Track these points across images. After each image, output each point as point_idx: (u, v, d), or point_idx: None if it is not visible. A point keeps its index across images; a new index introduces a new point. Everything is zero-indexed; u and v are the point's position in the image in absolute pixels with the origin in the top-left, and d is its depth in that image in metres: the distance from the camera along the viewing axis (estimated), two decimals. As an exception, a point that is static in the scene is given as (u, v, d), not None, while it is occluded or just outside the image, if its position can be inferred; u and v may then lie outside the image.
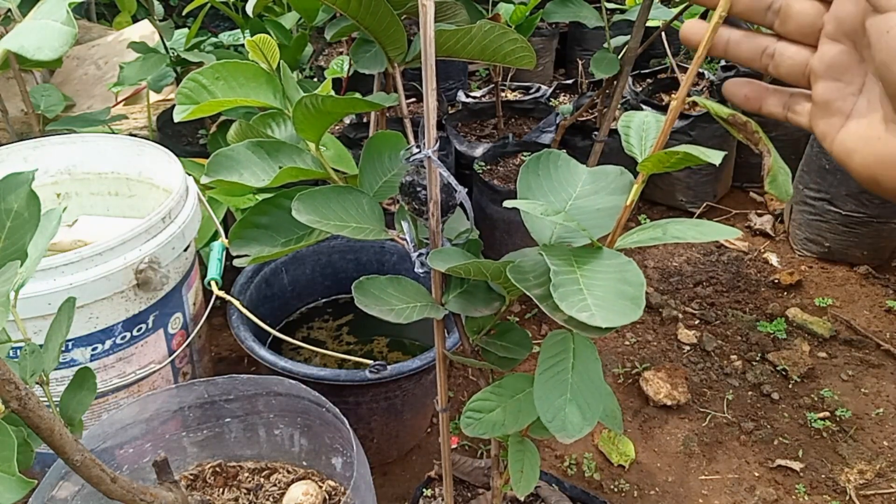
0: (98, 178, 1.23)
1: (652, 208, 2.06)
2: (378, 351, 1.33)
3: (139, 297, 0.97)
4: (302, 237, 0.59)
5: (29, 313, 0.88)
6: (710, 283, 1.74)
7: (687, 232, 0.44)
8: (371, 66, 0.73)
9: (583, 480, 1.24)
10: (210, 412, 0.93)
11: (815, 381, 1.44)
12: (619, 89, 1.34)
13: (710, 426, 1.35)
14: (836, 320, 1.60)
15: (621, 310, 0.38)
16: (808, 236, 1.81)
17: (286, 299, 1.37)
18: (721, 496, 1.22)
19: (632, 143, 0.47)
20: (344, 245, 1.38)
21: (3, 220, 0.49)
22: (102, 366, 0.97)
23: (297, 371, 1.02)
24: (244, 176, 0.55)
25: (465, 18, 0.71)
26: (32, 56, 0.66)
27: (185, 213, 1.04)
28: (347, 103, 0.54)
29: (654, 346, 1.54)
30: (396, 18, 0.56)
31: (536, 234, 0.51)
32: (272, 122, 0.62)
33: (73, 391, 0.64)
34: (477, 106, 2.09)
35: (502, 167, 1.80)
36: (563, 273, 0.41)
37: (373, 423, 1.15)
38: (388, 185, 0.61)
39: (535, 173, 0.52)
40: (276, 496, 0.91)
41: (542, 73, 2.64)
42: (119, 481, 0.55)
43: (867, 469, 1.25)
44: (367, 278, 0.55)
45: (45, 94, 1.42)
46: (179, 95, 0.56)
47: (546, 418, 0.44)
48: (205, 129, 1.78)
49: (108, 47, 1.86)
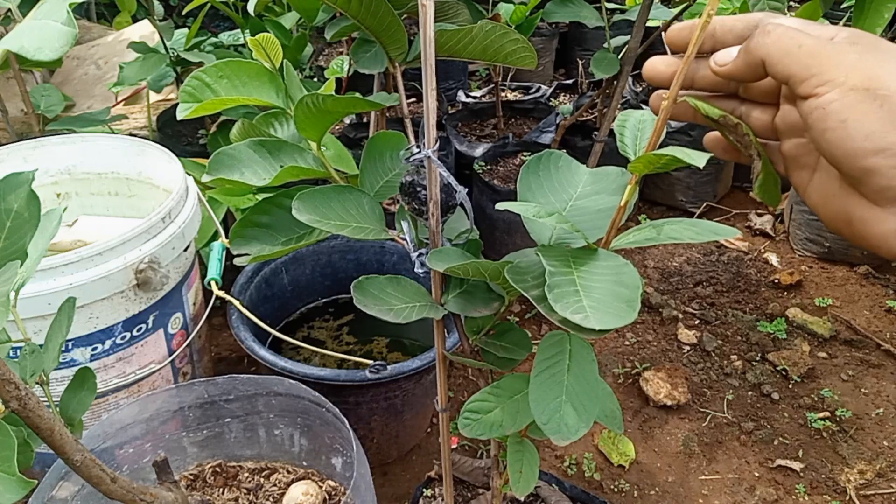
0: (98, 178, 1.23)
1: (652, 208, 2.06)
2: (378, 351, 1.33)
3: (139, 297, 0.97)
4: (302, 236, 0.59)
5: (29, 313, 0.88)
6: (710, 283, 1.74)
7: (683, 232, 0.44)
8: (371, 66, 0.73)
9: (583, 480, 1.24)
10: (210, 412, 0.93)
11: (815, 381, 1.44)
12: (619, 89, 1.34)
13: (710, 426, 1.35)
14: (837, 320, 1.60)
15: (616, 312, 0.38)
16: (808, 236, 1.81)
17: (286, 299, 1.37)
18: (721, 496, 1.22)
19: (626, 143, 0.47)
20: (344, 245, 1.38)
21: (3, 220, 0.49)
22: (102, 366, 0.97)
23: (297, 371, 1.02)
24: (245, 174, 0.55)
25: (467, 18, 0.71)
26: (32, 56, 0.66)
27: (185, 213, 1.04)
28: (349, 102, 0.54)
29: (654, 346, 1.54)
30: (397, 18, 0.56)
31: (536, 234, 0.51)
32: (274, 122, 0.62)
33: (73, 391, 0.64)
34: (477, 106, 2.09)
35: (502, 167, 1.80)
36: (559, 274, 0.41)
37: (373, 423, 1.15)
38: (389, 185, 0.61)
39: (535, 174, 0.52)
40: (276, 496, 0.91)
41: (542, 73, 2.64)
42: (119, 481, 0.55)
43: (867, 469, 1.25)
44: (366, 278, 0.55)
45: (45, 94, 1.42)
46: (183, 94, 0.56)
47: (541, 420, 0.44)
48: (205, 129, 1.78)
49: (108, 47, 1.86)
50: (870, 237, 0.35)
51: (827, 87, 0.33)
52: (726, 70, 0.38)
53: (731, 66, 0.38)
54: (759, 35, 0.36)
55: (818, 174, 0.38)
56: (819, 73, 0.33)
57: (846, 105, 0.32)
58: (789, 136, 0.39)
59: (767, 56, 0.35)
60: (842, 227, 0.36)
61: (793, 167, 0.39)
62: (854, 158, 0.33)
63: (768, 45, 0.35)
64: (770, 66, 0.36)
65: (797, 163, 0.39)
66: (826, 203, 0.37)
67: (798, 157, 0.39)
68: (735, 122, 0.39)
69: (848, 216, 0.36)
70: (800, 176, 0.39)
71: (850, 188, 0.35)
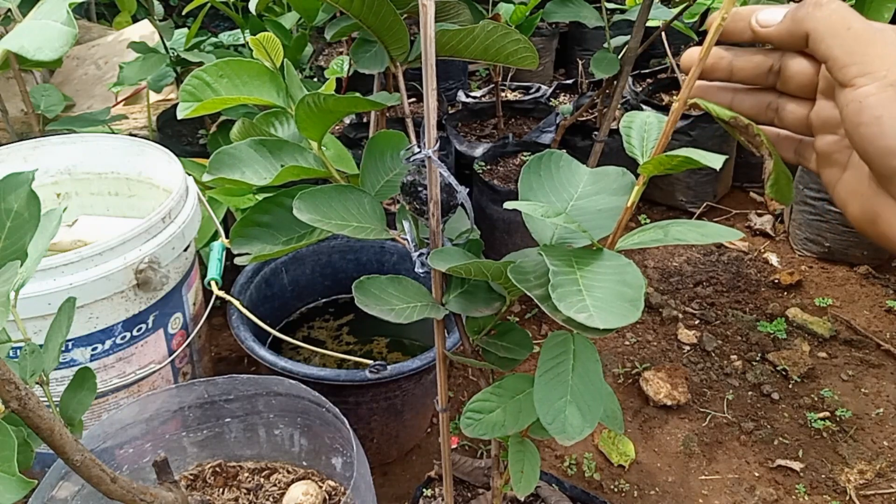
0: (98, 178, 1.23)
1: (652, 208, 2.06)
2: (378, 351, 1.33)
3: (139, 297, 0.97)
4: (303, 236, 0.59)
5: (29, 313, 0.88)
6: (710, 283, 1.74)
7: (688, 233, 0.44)
8: (371, 66, 0.73)
9: (583, 480, 1.24)
10: (210, 412, 0.93)
11: (815, 381, 1.44)
12: (619, 89, 1.34)
13: (710, 426, 1.35)
14: (837, 320, 1.60)
15: (620, 311, 0.38)
16: (808, 236, 1.81)
17: (286, 299, 1.37)
18: (721, 496, 1.22)
19: (633, 144, 0.47)
20: (344, 245, 1.38)
21: (3, 220, 0.49)
22: (102, 366, 0.97)
23: (297, 371, 1.02)
24: (246, 174, 0.55)
25: (469, 18, 0.71)
26: (32, 56, 0.66)
27: (185, 213, 1.04)
28: (350, 102, 0.54)
29: (654, 346, 1.54)
30: (399, 18, 0.56)
31: (537, 234, 0.51)
32: (275, 121, 0.62)
33: (73, 391, 0.64)
34: (477, 106, 2.09)
35: (502, 167, 1.80)
36: (562, 274, 0.41)
37: (373, 423, 1.15)
38: (390, 185, 0.61)
39: (536, 174, 0.52)
40: (276, 496, 0.91)
41: (542, 73, 2.64)
42: (119, 481, 0.55)
43: (867, 469, 1.25)
44: (367, 278, 0.55)
45: (45, 94, 1.42)
46: (183, 93, 0.56)
47: (546, 420, 0.44)
48: (205, 129, 1.78)
49: (108, 47, 1.85)
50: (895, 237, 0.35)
51: (866, 78, 0.32)
52: (766, 32, 0.37)
53: (774, 29, 0.37)
54: (810, 5, 0.35)
55: (848, 171, 0.37)
56: (861, 63, 0.33)
57: (883, 101, 0.32)
58: (823, 133, 0.38)
59: (814, 31, 0.35)
60: (867, 226, 0.36)
61: (824, 164, 0.39)
62: (886, 156, 0.32)
63: (817, 20, 0.34)
64: (813, 42, 0.35)
65: (829, 160, 0.38)
66: (854, 201, 0.37)
67: (830, 154, 0.38)
68: (746, 122, 0.39)
69: (875, 215, 0.35)
70: (830, 173, 0.38)
71: (879, 187, 0.35)
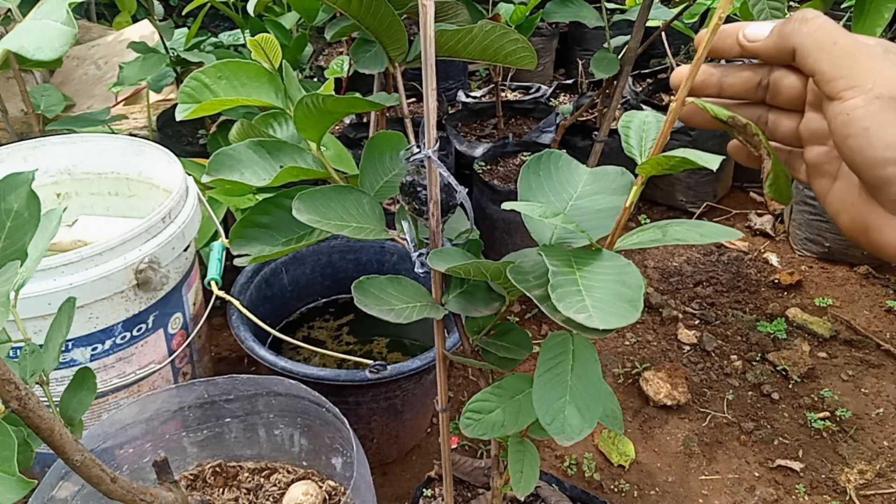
0: (98, 178, 1.23)
1: (652, 208, 2.06)
2: (378, 351, 1.33)
3: (139, 297, 0.97)
4: (302, 237, 0.59)
5: (29, 313, 0.88)
6: (710, 283, 1.74)
7: (688, 233, 0.44)
8: (371, 66, 0.73)
9: (583, 480, 1.24)
10: (210, 412, 0.93)
11: (815, 381, 1.44)
12: (619, 89, 1.34)
13: (710, 426, 1.35)
14: (836, 320, 1.60)
15: (619, 311, 0.38)
16: (808, 236, 1.81)
17: (286, 299, 1.37)
18: (721, 496, 1.22)
19: (631, 143, 0.47)
20: (344, 245, 1.38)
21: (3, 220, 0.49)
22: (102, 366, 0.97)
23: (297, 371, 1.02)
24: (245, 175, 0.55)
25: (467, 18, 0.71)
26: (32, 56, 0.66)
27: (185, 213, 1.04)
28: (349, 103, 0.54)
29: (654, 346, 1.54)
30: (398, 18, 0.56)
31: (537, 234, 0.51)
32: (274, 122, 0.62)
33: (73, 391, 0.64)
34: (477, 106, 2.09)
35: (502, 167, 1.80)
36: (561, 274, 0.41)
37: (373, 423, 1.15)
38: (389, 185, 0.61)
39: (535, 174, 0.52)
40: (276, 496, 0.91)
41: (542, 73, 2.64)
42: (119, 481, 0.55)
43: (867, 469, 1.25)
44: (366, 278, 0.55)
45: (45, 94, 1.42)
46: (182, 94, 0.56)
47: (545, 420, 0.44)
48: (205, 129, 1.78)
49: (108, 47, 1.85)
50: (886, 246, 0.35)
51: (853, 91, 0.33)
52: (754, 47, 0.38)
53: (761, 44, 0.37)
54: (796, 21, 0.35)
55: (839, 182, 0.38)
56: (848, 76, 0.33)
57: (870, 113, 0.32)
58: (812, 144, 0.39)
59: (800, 45, 0.35)
60: (859, 235, 0.36)
61: (815, 175, 0.39)
62: (874, 167, 0.33)
63: (804, 35, 0.35)
64: (800, 57, 0.35)
65: (819, 170, 0.39)
66: (845, 211, 0.37)
67: (820, 165, 0.39)
68: (744, 122, 0.39)
69: (866, 225, 0.36)
70: (821, 183, 0.39)
71: (869, 197, 0.35)
